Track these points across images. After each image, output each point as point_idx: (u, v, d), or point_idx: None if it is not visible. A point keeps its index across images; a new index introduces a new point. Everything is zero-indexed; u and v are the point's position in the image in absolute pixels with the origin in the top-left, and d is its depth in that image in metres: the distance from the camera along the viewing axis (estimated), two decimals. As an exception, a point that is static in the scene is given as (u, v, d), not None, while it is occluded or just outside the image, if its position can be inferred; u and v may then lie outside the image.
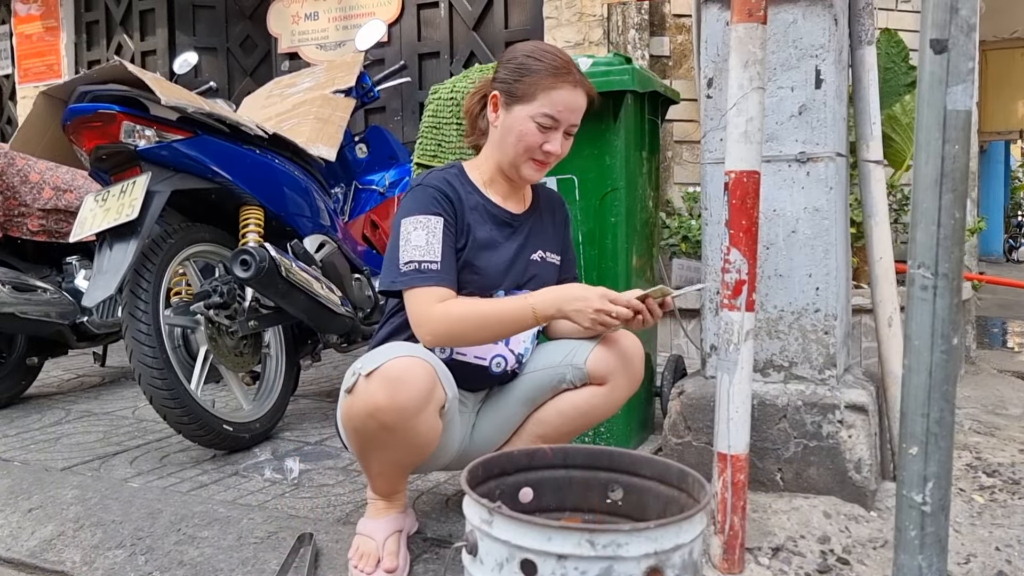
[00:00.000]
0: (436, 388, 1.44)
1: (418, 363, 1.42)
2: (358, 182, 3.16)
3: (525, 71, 1.58)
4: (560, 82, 1.57)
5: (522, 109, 1.58)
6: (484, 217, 1.65)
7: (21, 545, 1.79)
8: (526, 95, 1.57)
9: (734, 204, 1.55)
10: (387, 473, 1.58)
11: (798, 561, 1.62)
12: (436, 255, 1.53)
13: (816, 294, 1.90)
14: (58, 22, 5.75)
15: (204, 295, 2.37)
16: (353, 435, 1.50)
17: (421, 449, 1.50)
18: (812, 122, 1.88)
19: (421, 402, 1.41)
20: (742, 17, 1.53)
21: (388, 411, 1.40)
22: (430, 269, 1.53)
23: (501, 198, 1.69)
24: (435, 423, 1.48)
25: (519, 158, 1.61)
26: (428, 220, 1.56)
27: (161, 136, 2.24)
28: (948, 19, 1.23)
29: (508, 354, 1.68)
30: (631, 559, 1.00)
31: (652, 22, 3.97)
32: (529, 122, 1.58)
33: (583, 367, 1.63)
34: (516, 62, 1.61)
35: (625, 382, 1.65)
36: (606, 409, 1.67)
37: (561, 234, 1.79)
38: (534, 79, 1.57)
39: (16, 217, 2.90)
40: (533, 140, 1.59)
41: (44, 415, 2.84)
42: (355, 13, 4.83)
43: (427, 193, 1.59)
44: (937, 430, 1.27)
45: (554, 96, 1.57)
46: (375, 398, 1.40)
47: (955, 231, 1.26)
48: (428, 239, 1.54)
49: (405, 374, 1.40)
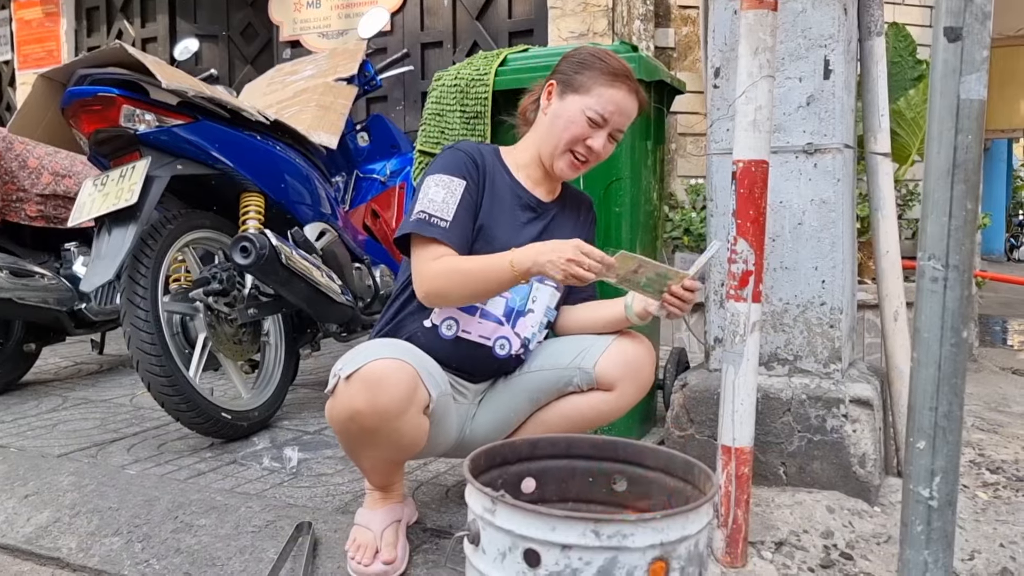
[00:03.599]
0: (418, 390, 1.41)
1: (398, 365, 1.39)
2: (359, 171, 3.14)
3: (586, 66, 1.62)
4: (618, 83, 1.60)
5: (576, 100, 1.61)
6: (508, 195, 1.65)
7: (17, 531, 1.78)
8: (583, 87, 1.60)
9: (742, 194, 1.53)
10: (378, 468, 1.57)
11: (801, 555, 1.61)
12: (448, 214, 1.54)
13: (822, 287, 1.88)
14: (58, 8, 5.72)
15: (203, 282, 2.35)
16: (338, 435, 1.49)
17: (408, 447, 1.49)
18: (820, 113, 1.86)
19: (402, 405, 1.39)
20: (752, 4, 1.51)
21: (368, 415, 1.38)
22: (438, 224, 1.53)
23: (532, 184, 1.69)
24: (419, 423, 1.45)
25: (560, 147, 1.62)
26: (451, 181, 1.57)
27: (161, 121, 2.22)
28: (963, 7, 1.21)
29: (513, 337, 1.65)
30: (636, 550, 0.98)
31: (657, 13, 3.94)
32: (580, 113, 1.60)
33: (591, 372, 1.60)
34: (579, 57, 1.65)
35: (633, 389, 1.62)
36: (611, 415, 1.65)
37: (585, 233, 1.77)
38: (593, 74, 1.61)
39: (14, 202, 2.87)
40: (579, 131, 1.60)
41: (41, 402, 2.82)
42: (358, 1, 4.80)
43: (457, 156, 1.61)
44: (945, 424, 1.25)
45: (609, 95, 1.60)
46: (354, 402, 1.38)
47: (967, 222, 1.24)
48: (445, 197, 1.55)
49: (385, 377, 1.37)
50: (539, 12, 4.29)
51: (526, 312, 1.66)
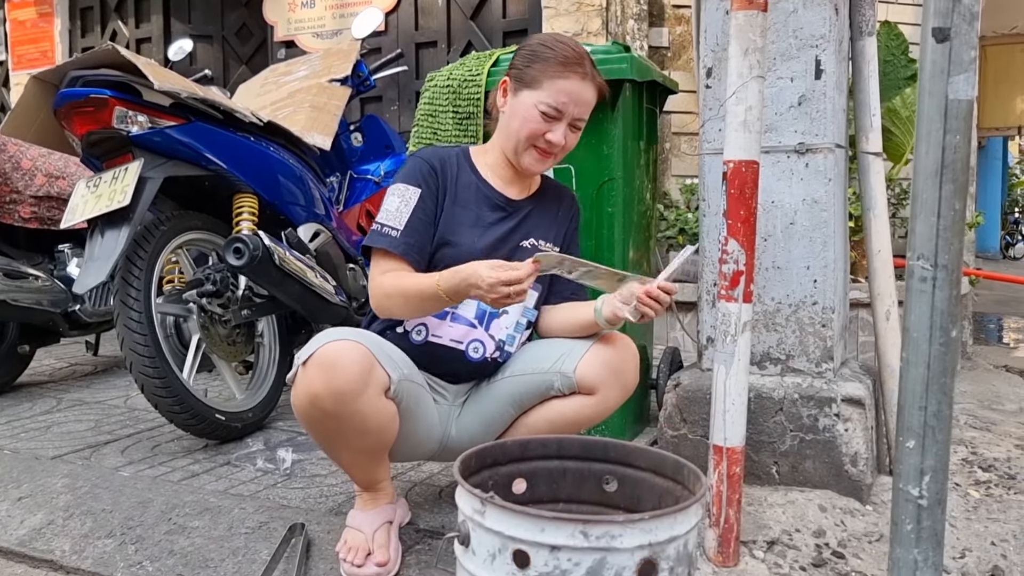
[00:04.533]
0: (374, 370, 1.41)
1: (351, 346, 1.40)
2: (353, 171, 3.14)
3: (536, 58, 1.59)
4: (568, 72, 1.56)
5: (529, 95, 1.58)
6: (474, 196, 1.65)
7: (10, 534, 1.78)
8: (534, 81, 1.57)
9: (732, 194, 1.53)
10: (357, 463, 1.56)
11: (793, 554, 1.61)
12: (399, 223, 1.56)
13: (814, 287, 1.89)
14: (52, 8, 5.70)
15: (197, 283, 2.35)
16: (306, 426, 1.49)
17: (377, 434, 1.47)
18: (812, 113, 1.87)
19: (358, 384, 1.39)
20: (742, 4, 1.51)
21: (326, 397, 1.38)
22: (388, 234, 1.56)
23: (502, 183, 1.68)
24: (380, 405, 1.44)
25: (521, 144, 1.60)
26: (407, 190, 1.59)
27: (154, 122, 2.21)
28: (950, 7, 1.21)
29: (487, 339, 1.64)
30: (625, 551, 0.99)
31: (651, 12, 3.95)
32: (533, 109, 1.57)
33: (572, 376, 1.57)
34: (530, 48, 1.61)
35: (616, 392, 1.59)
36: (595, 418, 1.62)
37: (564, 228, 1.76)
38: (543, 66, 1.57)
39: (8, 204, 2.87)
40: (536, 128, 1.58)
41: (35, 403, 2.82)
42: (352, 1, 4.79)
43: (415, 164, 1.63)
44: (935, 423, 1.25)
45: (560, 85, 1.56)
46: (312, 385, 1.39)
47: (955, 222, 1.24)
48: (399, 206, 1.58)
49: (339, 358, 1.38)
50: (533, 12, 4.29)
51: (499, 314, 1.65)
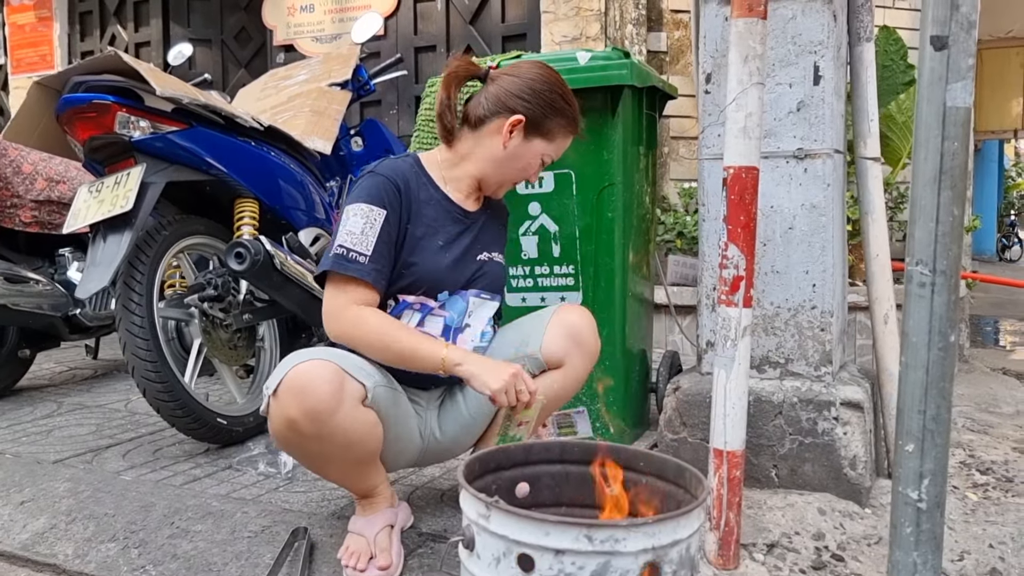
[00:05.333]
0: (345, 383, 1.40)
1: (319, 365, 1.39)
2: (353, 175, 3.14)
3: (556, 111, 1.63)
4: (574, 132, 1.69)
5: (539, 144, 1.65)
6: (437, 212, 1.63)
7: (13, 538, 1.78)
8: (549, 133, 1.64)
9: (732, 200, 1.54)
10: (349, 476, 1.56)
11: (793, 557, 1.62)
12: (367, 248, 1.50)
13: (813, 291, 1.90)
14: (51, 12, 5.71)
15: (198, 288, 2.35)
16: (288, 452, 1.49)
17: (361, 444, 1.47)
18: (810, 119, 1.88)
19: (332, 402, 1.38)
20: (742, 12, 1.53)
21: (302, 420, 1.38)
22: (356, 260, 1.49)
23: (462, 196, 1.69)
24: (359, 416, 1.44)
25: (510, 181, 1.70)
26: (371, 211, 1.52)
27: (156, 127, 2.22)
28: (949, 16, 1.23)
29: None
30: (629, 554, 1.00)
31: (650, 17, 3.96)
32: (538, 157, 1.66)
33: (539, 356, 1.64)
34: (547, 98, 1.62)
35: (580, 360, 1.65)
36: (567, 390, 1.68)
37: (504, 236, 1.84)
38: (562, 122, 1.65)
39: (8, 208, 2.87)
40: (533, 171, 1.69)
41: (36, 407, 2.82)
42: (351, 6, 4.80)
43: (376, 181, 1.55)
44: (933, 427, 1.27)
45: (565, 143, 1.69)
46: (287, 412, 1.38)
47: (953, 228, 1.26)
48: (364, 229, 1.50)
49: (308, 380, 1.37)
50: (532, 16, 4.30)
51: (463, 328, 1.65)
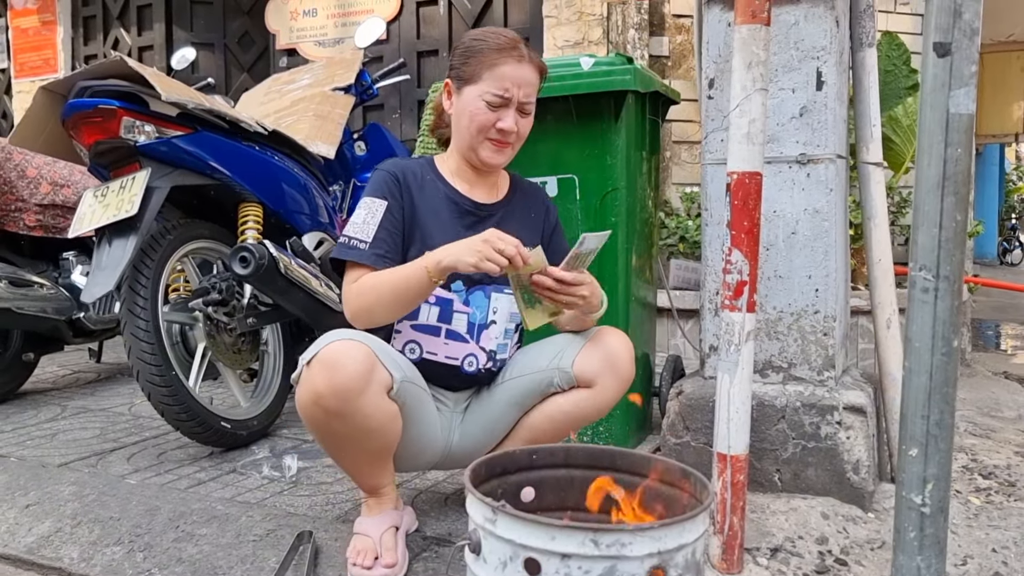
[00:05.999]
0: (376, 369, 1.44)
1: (354, 345, 1.43)
2: (357, 180, 3.15)
3: (470, 52, 1.60)
4: (504, 58, 1.58)
5: (471, 90, 1.60)
6: (443, 205, 1.66)
7: (18, 541, 1.79)
8: (473, 76, 1.59)
9: (736, 205, 1.55)
10: (362, 466, 1.57)
11: (796, 562, 1.63)
12: (367, 235, 1.57)
13: (815, 295, 1.91)
14: (55, 16, 5.73)
15: (203, 292, 2.36)
16: (310, 427, 1.51)
17: (379, 434, 1.49)
18: (813, 124, 1.89)
19: (360, 383, 1.41)
20: (745, 19, 1.53)
21: (328, 396, 1.41)
22: (356, 247, 1.56)
23: (468, 186, 1.69)
24: (383, 404, 1.47)
25: (475, 140, 1.62)
26: (372, 202, 1.60)
27: (161, 132, 2.23)
28: (951, 23, 1.24)
29: (479, 352, 1.67)
30: (635, 559, 1.00)
31: (652, 22, 3.97)
32: (478, 101, 1.59)
33: (569, 371, 1.63)
34: (464, 46, 1.63)
35: (613, 383, 1.63)
36: (596, 411, 1.67)
37: (539, 229, 1.76)
38: (478, 59, 1.59)
39: (13, 212, 2.88)
40: (484, 119, 1.59)
41: (40, 411, 2.83)
42: (354, 10, 4.82)
43: (379, 176, 1.64)
44: (937, 432, 1.27)
45: (498, 72, 1.57)
46: (315, 384, 1.42)
47: (956, 234, 1.26)
48: (366, 218, 1.58)
49: (341, 357, 1.41)
50: (534, 21, 4.32)
51: (488, 324, 1.67)
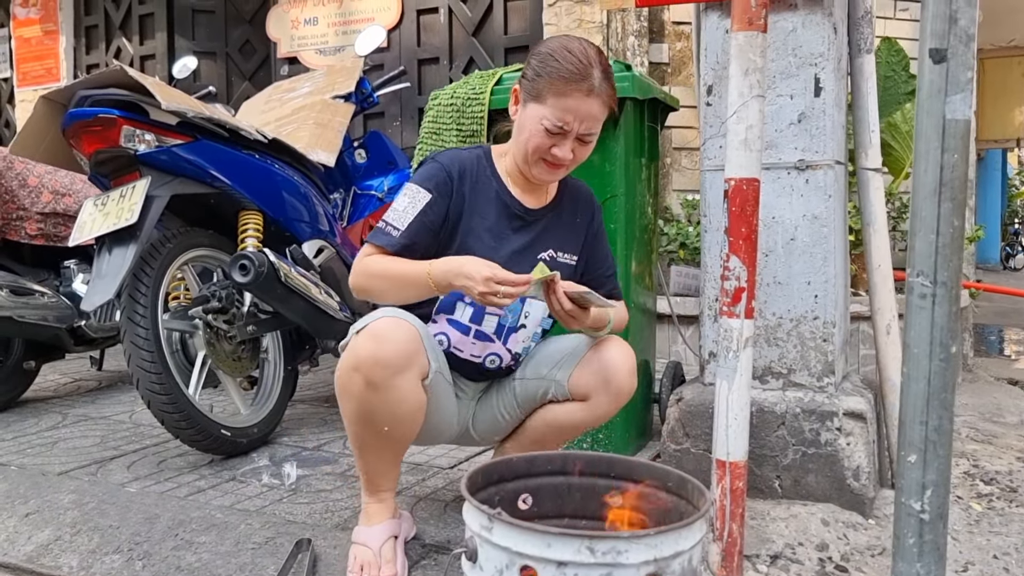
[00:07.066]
0: (419, 352, 1.47)
1: (405, 324, 1.46)
2: (357, 187, 3.16)
3: (543, 70, 1.54)
4: (571, 89, 1.51)
5: (535, 109, 1.55)
6: (494, 205, 1.64)
7: (18, 550, 1.79)
8: (540, 95, 1.54)
9: (734, 211, 1.55)
10: (378, 452, 1.56)
11: (796, 568, 1.62)
12: (402, 224, 1.55)
13: (815, 301, 1.91)
14: (57, 26, 5.75)
15: (203, 300, 2.36)
16: (342, 398, 1.51)
17: (404, 422, 1.50)
18: (811, 130, 1.89)
19: (403, 361, 1.43)
20: (742, 25, 1.54)
21: (370, 365, 1.42)
22: (388, 233, 1.56)
23: (520, 190, 1.67)
24: (416, 390, 1.48)
25: (529, 157, 1.58)
26: (418, 192, 1.58)
27: (161, 141, 2.24)
28: (947, 29, 1.24)
29: (504, 353, 1.68)
30: (631, 566, 1.00)
31: (651, 29, 3.98)
32: (538, 123, 1.54)
33: (564, 384, 1.64)
34: (540, 57, 1.56)
35: (607, 399, 1.62)
36: (587, 424, 1.68)
37: (583, 233, 1.74)
38: (547, 81, 1.52)
39: (14, 221, 2.89)
40: (540, 142, 1.55)
41: (41, 419, 2.83)
42: (355, 18, 4.84)
43: (432, 167, 1.62)
44: (936, 438, 1.27)
45: (563, 103, 1.52)
46: (360, 352, 1.43)
47: (954, 240, 1.26)
48: (406, 208, 1.57)
49: (390, 331, 1.44)
50: (534, 29, 4.33)
51: (518, 328, 1.68)
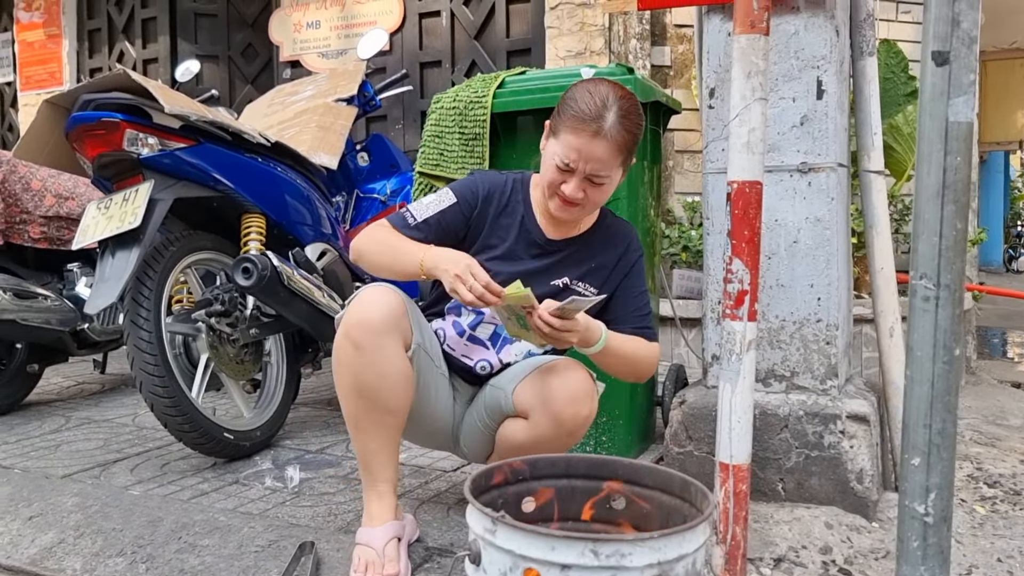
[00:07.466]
0: (402, 320, 1.54)
1: (391, 293, 1.54)
2: (359, 190, 3.16)
3: (563, 107, 1.57)
4: (580, 129, 1.52)
5: (552, 144, 1.59)
6: (516, 230, 1.68)
7: (21, 553, 1.79)
8: (557, 131, 1.57)
9: (736, 214, 1.55)
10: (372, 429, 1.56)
11: (800, 572, 1.62)
12: (420, 216, 1.64)
13: (818, 304, 1.91)
14: (60, 30, 5.77)
15: (206, 303, 2.37)
16: (335, 369, 1.56)
17: (394, 390, 1.53)
18: (814, 132, 1.89)
19: (386, 323, 1.50)
20: (744, 28, 1.54)
21: (357, 327, 1.50)
22: (406, 218, 1.64)
23: (545, 220, 1.70)
24: (399, 356, 1.53)
25: (546, 191, 1.62)
26: (446, 194, 1.68)
27: (164, 144, 2.24)
28: (950, 31, 1.24)
29: (496, 361, 1.71)
30: (635, 569, 1.00)
31: (653, 32, 3.99)
32: (552, 159, 1.58)
33: (511, 396, 1.63)
34: (568, 93, 1.59)
35: (546, 421, 1.56)
36: (529, 444, 1.58)
37: (610, 268, 1.72)
38: (564, 118, 1.55)
39: (18, 224, 2.90)
40: (553, 178, 1.58)
41: (44, 422, 2.84)
42: (357, 22, 4.84)
43: (469, 182, 1.71)
44: (939, 441, 1.27)
45: (571, 141, 1.54)
46: (349, 319, 1.52)
47: (957, 242, 1.26)
48: (430, 203, 1.67)
49: (377, 297, 1.53)
50: (536, 32, 4.33)
51: (513, 341, 1.69)
